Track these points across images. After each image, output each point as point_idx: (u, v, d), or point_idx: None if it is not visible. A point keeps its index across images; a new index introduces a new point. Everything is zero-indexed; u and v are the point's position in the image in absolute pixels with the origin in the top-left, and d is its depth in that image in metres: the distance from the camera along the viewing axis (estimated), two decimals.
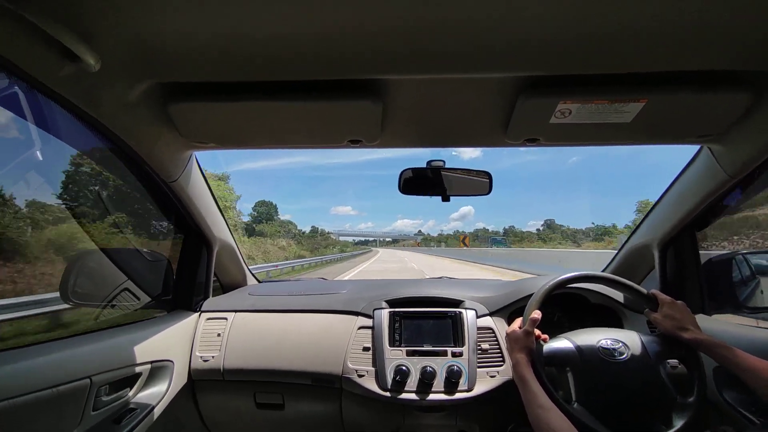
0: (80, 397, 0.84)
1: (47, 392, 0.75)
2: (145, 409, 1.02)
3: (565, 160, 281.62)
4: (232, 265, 1.58)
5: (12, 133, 0.88)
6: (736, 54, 0.68)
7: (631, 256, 1.42)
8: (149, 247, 1.41)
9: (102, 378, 0.89)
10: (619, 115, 0.84)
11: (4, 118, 0.76)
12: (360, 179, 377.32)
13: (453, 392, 1.09)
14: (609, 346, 0.92)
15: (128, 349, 1.01)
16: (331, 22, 0.61)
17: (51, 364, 0.79)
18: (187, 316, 1.30)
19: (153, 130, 0.92)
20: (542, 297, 0.96)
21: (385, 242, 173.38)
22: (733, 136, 0.91)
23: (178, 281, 1.34)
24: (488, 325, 1.21)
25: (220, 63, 0.72)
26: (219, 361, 1.22)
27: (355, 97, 0.82)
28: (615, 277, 1.00)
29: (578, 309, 1.31)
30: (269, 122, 0.92)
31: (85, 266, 1.17)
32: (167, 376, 1.13)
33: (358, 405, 1.18)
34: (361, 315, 1.27)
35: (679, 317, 0.91)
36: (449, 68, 0.73)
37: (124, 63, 0.71)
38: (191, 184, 1.17)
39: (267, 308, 1.34)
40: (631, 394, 0.86)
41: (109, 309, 1.22)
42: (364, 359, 1.17)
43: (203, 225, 1.30)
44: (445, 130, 1.01)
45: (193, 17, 0.60)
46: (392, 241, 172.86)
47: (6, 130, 0.88)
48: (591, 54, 0.69)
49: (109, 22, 0.62)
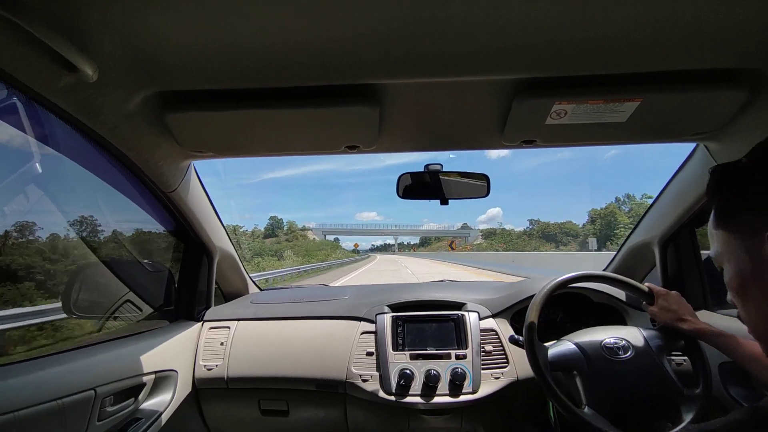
0: (85, 408, 0.84)
1: (52, 404, 0.75)
2: (150, 418, 1.02)
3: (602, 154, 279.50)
4: (233, 273, 1.59)
5: (10, 144, 0.89)
6: (730, 52, 0.69)
7: (632, 254, 1.42)
8: (149, 258, 1.42)
9: (106, 389, 0.89)
10: (614, 115, 0.85)
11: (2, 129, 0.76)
12: (383, 184, 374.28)
13: (457, 395, 1.08)
14: (612, 344, 0.92)
15: (132, 360, 1.01)
16: (326, 29, 0.62)
17: (55, 377, 0.79)
18: (190, 325, 1.30)
19: (151, 140, 0.93)
20: (544, 298, 0.96)
21: (407, 247, 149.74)
22: (728, 134, 0.92)
23: (179, 291, 1.35)
24: (491, 327, 1.21)
25: (216, 72, 0.73)
26: (223, 369, 1.22)
27: (351, 102, 0.82)
28: (611, 274, 1.00)
29: (581, 309, 1.31)
30: (266, 130, 0.93)
31: (87, 279, 1.17)
32: (171, 386, 1.13)
33: (363, 409, 1.18)
34: (364, 320, 1.27)
35: (674, 308, 0.91)
36: (444, 72, 0.74)
37: (121, 73, 0.71)
38: (190, 193, 1.17)
39: (269, 316, 1.34)
40: (638, 391, 0.85)
41: (111, 321, 1.22)
42: (367, 364, 1.17)
43: (203, 234, 1.30)
44: (442, 133, 1.02)
45: (190, 27, 0.61)
46: (420, 244, 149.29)
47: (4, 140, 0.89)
48: (585, 55, 0.69)
49: (107, 33, 0.62)
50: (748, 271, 0.45)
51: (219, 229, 1.38)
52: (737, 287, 0.47)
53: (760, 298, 0.44)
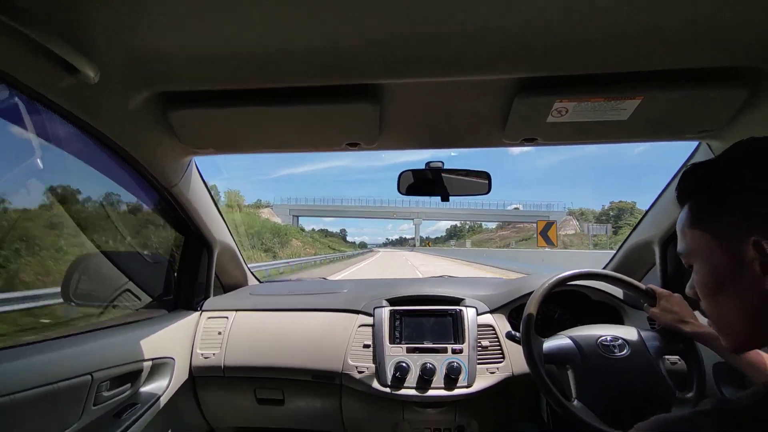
0: (81, 392, 0.85)
1: (48, 388, 0.76)
2: (146, 403, 1.04)
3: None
4: (233, 266, 1.59)
5: (13, 144, 0.90)
6: (731, 50, 0.68)
7: (632, 252, 1.41)
8: (150, 250, 1.42)
9: (103, 374, 0.90)
10: (616, 113, 0.84)
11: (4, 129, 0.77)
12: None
13: (452, 388, 1.09)
14: (608, 342, 0.92)
15: (129, 347, 1.02)
16: (328, 29, 0.62)
17: (52, 361, 0.80)
18: (188, 315, 1.31)
19: (153, 138, 0.94)
20: (542, 295, 0.96)
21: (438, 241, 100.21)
22: (730, 132, 0.91)
23: (179, 282, 1.36)
24: (488, 323, 1.22)
25: (218, 71, 0.73)
26: (220, 358, 1.23)
27: (352, 100, 0.82)
28: (612, 273, 1.00)
29: (579, 306, 1.31)
30: (267, 127, 0.93)
31: (87, 268, 1.18)
32: (168, 373, 1.14)
33: (358, 400, 1.19)
34: (362, 313, 1.27)
35: (677, 310, 0.90)
36: (445, 71, 0.74)
37: (123, 74, 0.72)
38: (191, 188, 1.19)
39: (268, 307, 1.35)
40: (631, 390, 0.86)
41: (110, 309, 1.23)
42: (364, 356, 1.18)
43: (203, 228, 1.31)
44: (443, 131, 1.02)
45: (192, 29, 0.61)
46: (447, 237, 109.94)
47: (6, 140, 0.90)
48: (586, 54, 0.69)
49: (108, 35, 0.63)
50: (726, 272, 0.46)
51: (219, 223, 1.39)
52: (712, 286, 0.48)
53: (737, 298, 0.46)
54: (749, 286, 0.43)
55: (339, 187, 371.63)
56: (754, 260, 0.42)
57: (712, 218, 0.47)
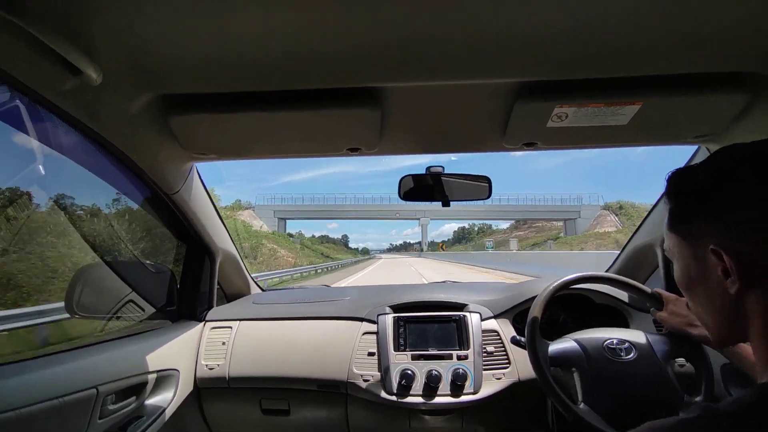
0: (86, 406, 0.85)
1: (54, 402, 0.76)
2: (152, 416, 1.03)
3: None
4: (236, 274, 1.59)
5: (12, 147, 0.89)
6: (730, 55, 0.69)
7: (634, 255, 1.41)
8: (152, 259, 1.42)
9: (108, 387, 0.90)
10: (615, 118, 0.85)
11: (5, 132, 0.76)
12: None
13: (459, 395, 1.08)
14: (615, 345, 0.91)
15: (134, 359, 1.01)
16: (328, 33, 0.62)
17: (57, 376, 0.80)
18: (192, 325, 1.30)
19: (154, 143, 0.94)
20: (546, 299, 0.96)
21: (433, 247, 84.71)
22: (729, 137, 0.92)
23: (182, 292, 1.35)
24: (493, 328, 1.21)
25: (220, 74, 0.73)
26: (224, 369, 1.22)
27: (353, 105, 0.83)
28: (618, 276, 1.00)
29: (583, 310, 1.31)
30: (268, 132, 0.93)
31: (90, 279, 1.18)
32: (173, 385, 1.13)
33: (364, 409, 1.18)
34: (366, 321, 1.27)
35: (685, 313, 0.89)
36: (446, 75, 0.75)
37: (125, 76, 0.72)
38: (193, 195, 1.18)
39: (271, 316, 1.35)
40: (638, 393, 0.85)
41: (114, 321, 1.23)
42: (369, 364, 1.17)
43: (205, 236, 1.31)
44: (443, 136, 1.03)
45: (194, 31, 0.62)
46: (455, 240, 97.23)
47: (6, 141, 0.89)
48: (586, 59, 0.70)
49: (111, 37, 0.63)
50: (694, 273, 0.49)
51: (221, 231, 1.39)
52: (685, 284, 0.52)
53: (704, 297, 0.49)
54: (715, 287, 0.46)
55: (339, 193, 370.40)
56: (717, 265, 0.44)
57: (683, 222, 0.50)
